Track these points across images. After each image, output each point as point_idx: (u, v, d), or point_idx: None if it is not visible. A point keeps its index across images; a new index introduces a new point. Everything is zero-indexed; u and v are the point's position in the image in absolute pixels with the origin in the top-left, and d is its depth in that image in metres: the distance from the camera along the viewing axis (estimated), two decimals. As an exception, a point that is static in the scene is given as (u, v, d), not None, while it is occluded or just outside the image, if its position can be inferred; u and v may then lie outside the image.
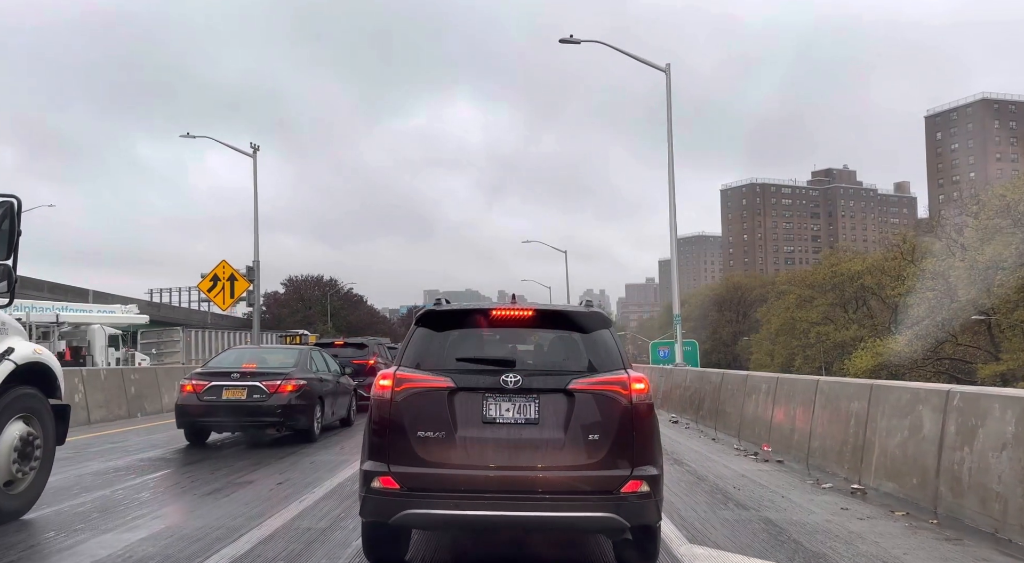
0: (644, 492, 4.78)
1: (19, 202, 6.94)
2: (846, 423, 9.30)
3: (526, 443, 4.79)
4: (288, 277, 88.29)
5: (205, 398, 12.21)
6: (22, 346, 7.10)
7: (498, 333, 5.43)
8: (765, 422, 12.22)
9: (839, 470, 9.25)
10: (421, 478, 4.78)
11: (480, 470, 4.74)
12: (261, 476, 9.49)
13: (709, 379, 16.20)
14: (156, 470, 10.10)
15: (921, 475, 7.36)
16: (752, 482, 8.99)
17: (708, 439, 13.78)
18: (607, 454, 4.76)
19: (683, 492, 8.36)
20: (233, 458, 11.30)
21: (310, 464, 10.44)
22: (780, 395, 11.78)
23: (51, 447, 7.41)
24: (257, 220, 28.55)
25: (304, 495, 8.08)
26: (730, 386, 14.50)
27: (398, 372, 5.06)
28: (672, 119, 22.00)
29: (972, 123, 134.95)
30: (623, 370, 5.08)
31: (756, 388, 12.94)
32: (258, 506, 7.56)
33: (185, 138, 29.54)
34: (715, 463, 10.56)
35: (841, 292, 71.73)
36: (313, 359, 13.95)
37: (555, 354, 5.43)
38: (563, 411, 4.83)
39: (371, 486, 4.86)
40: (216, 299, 26.19)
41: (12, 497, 6.83)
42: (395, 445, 4.86)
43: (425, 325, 5.32)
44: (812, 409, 10.41)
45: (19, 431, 6.88)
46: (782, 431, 11.46)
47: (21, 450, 6.88)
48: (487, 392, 4.87)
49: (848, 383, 9.69)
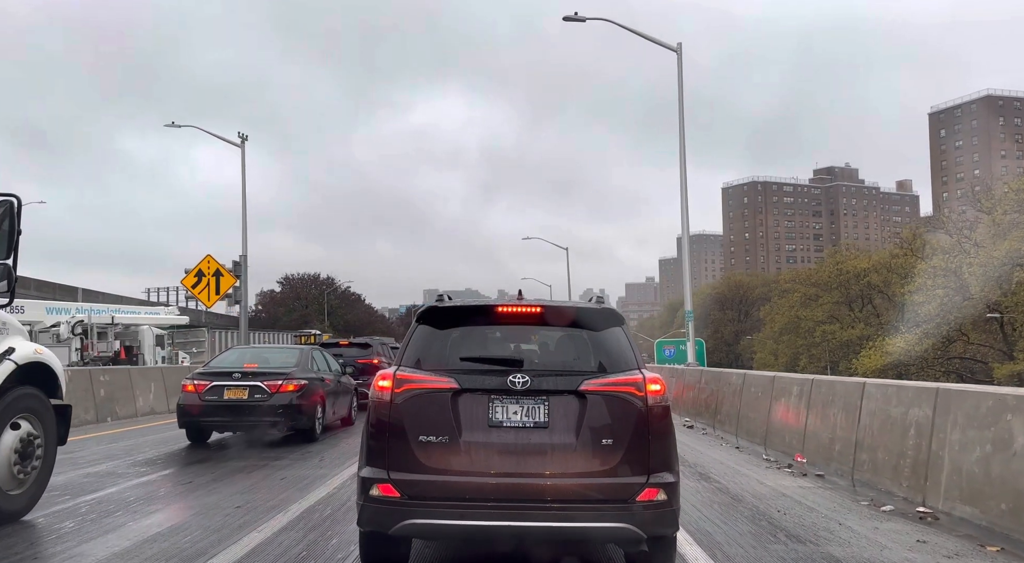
0: (661, 500, 4.52)
1: (19, 201, 6.82)
2: (902, 433, 8.00)
3: (535, 448, 4.54)
4: (284, 275, 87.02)
5: (207, 398, 12.18)
6: (23, 346, 7.04)
7: (504, 331, 5.16)
8: (797, 429, 10.92)
9: (895, 488, 7.94)
10: (423, 485, 4.52)
11: (486, 477, 4.49)
12: (222, 497, 8.13)
13: (728, 380, 14.88)
14: (85, 493, 8.23)
15: (1014, 500, 6.06)
16: (797, 503, 7.68)
17: (730, 447, 12.47)
18: (621, 460, 4.49)
19: (719, 517, 7.05)
20: (197, 473, 9.97)
21: (280, 481, 9.11)
22: (816, 399, 10.47)
23: (52, 447, 7.32)
24: (245, 212, 27.29)
25: (262, 524, 6.70)
26: (753, 388, 13.18)
27: (398, 372, 4.77)
28: (684, 102, 20.67)
29: (976, 120, 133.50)
30: (637, 370, 4.80)
31: (786, 391, 11.63)
32: (211, 536, 6.26)
33: (170, 128, 28.23)
34: (747, 478, 9.26)
35: (846, 290, 70.71)
36: (314, 359, 13.83)
37: (565, 353, 5.14)
38: (574, 414, 4.57)
39: (369, 494, 4.60)
40: (201, 296, 24.92)
41: (11, 498, 6.73)
42: (395, 450, 4.60)
43: (427, 323, 5.02)
44: (857, 416, 9.11)
45: (20, 431, 6.81)
46: (819, 440, 10.15)
47: (22, 450, 6.80)
48: (493, 394, 4.60)
49: (905, 387, 8.38)
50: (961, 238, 51.01)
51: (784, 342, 75.18)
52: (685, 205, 20.90)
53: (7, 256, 6.77)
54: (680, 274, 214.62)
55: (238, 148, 27.89)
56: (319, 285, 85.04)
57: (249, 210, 27.62)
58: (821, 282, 72.72)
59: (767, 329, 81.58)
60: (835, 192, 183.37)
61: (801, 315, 72.37)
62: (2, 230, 6.79)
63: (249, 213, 27.52)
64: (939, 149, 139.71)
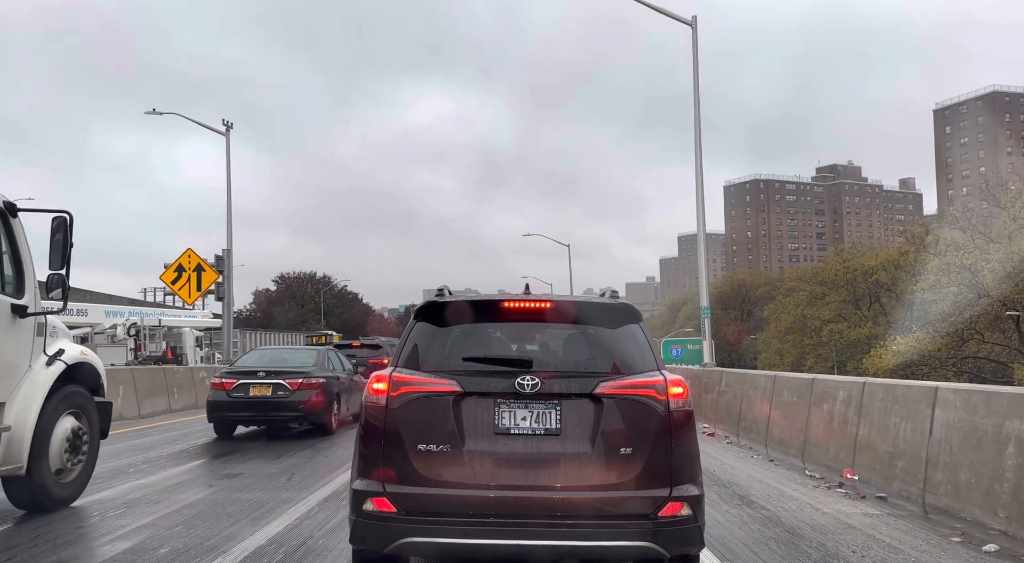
0: (686, 516, 4.11)
1: (71, 217, 7.23)
2: (997, 451, 6.51)
3: (546, 458, 4.13)
4: (280, 274, 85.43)
5: (234, 394, 13.26)
6: (71, 347, 7.66)
7: (511, 328, 4.87)
8: (845, 441, 9.43)
9: (989, 519, 6.45)
10: (422, 500, 4.12)
11: (492, 490, 4.09)
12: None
13: (755, 383, 13.36)
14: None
15: None
16: (872, 539, 6.15)
17: (763, 460, 10.96)
18: (642, 471, 4.07)
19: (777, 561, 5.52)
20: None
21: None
22: (870, 406, 8.97)
23: (96, 441, 7.91)
24: (230, 203, 25.85)
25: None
26: (787, 392, 11.67)
27: (395, 374, 4.35)
28: (699, 80, 19.15)
29: (982, 116, 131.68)
30: (657, 371, 4.41)
31: (828, 396, 10.12)
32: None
33: (151, 115, 26.64)
34: (796, 502, 7.74)
35: (853, 288, 69.36)
36: (330, 359, 14.87)
37: (577, 353, 4.67)
38: (589, 420, 4.18)
39: (363, 509, 4.18)
40: (181, 292, 23.45)
41: (63, 486, 7.35)
42: (391, 460, 4.18)
43: (426, 319, 4.63)
44: (928, 427, 7.62)
45: (69, 425, 7.43)
46: (875, 454, 8.65)
47: (72, 442, 7.42)
48: (500, 397, 4.22)
49: (996, 393, 6.87)
50: (975, 234, 49.61)
51: (789, 341, 73.92)
52: (700, 190, 19.39)
53: (61, 267, 7.21)
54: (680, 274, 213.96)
55: (223, 136, 26.32)
56: (315, 284, 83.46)
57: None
58: (828, 280, 71.39)
59: (772, 328, 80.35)
60: (838, 190, 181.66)
61: (807, 314, 71.14)
62: (56, 243, 7.22)
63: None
64: (944, 146, 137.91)
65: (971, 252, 45.90)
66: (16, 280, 7.11)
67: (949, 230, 55.29)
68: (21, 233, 7.23)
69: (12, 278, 7.10)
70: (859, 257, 70.61)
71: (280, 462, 10.42)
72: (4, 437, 6.65)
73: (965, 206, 67.51)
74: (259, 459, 10.75)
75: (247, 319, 76.78)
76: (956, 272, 45.94)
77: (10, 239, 7.12)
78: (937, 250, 51.39)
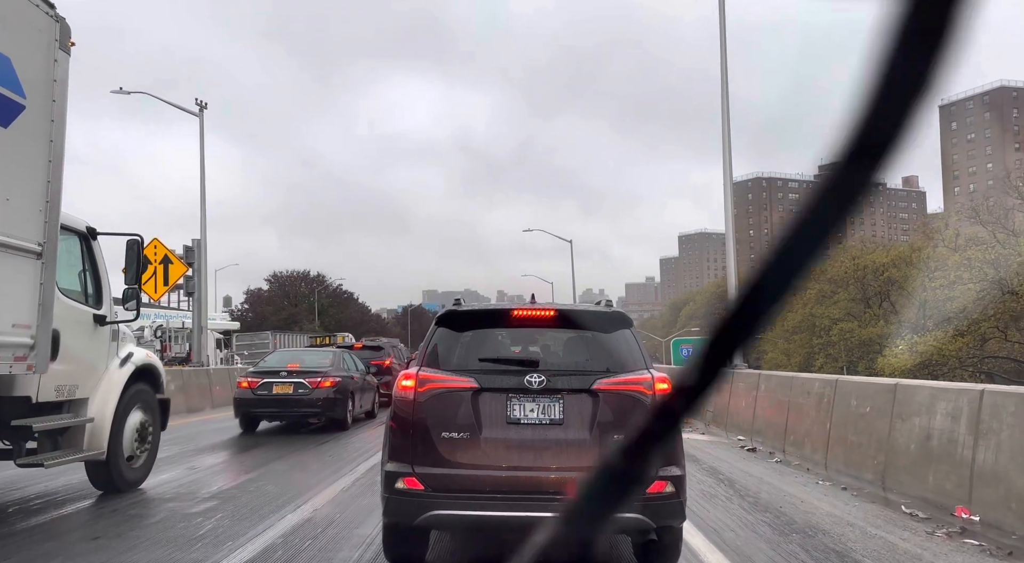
0: (669, 492, 4.65)
1: (142, 239, 8.60)
2: None
3: (551, 444, 4.74)
4: (272, 273, 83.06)
5: (259, 392, 14.40)
6: (137, 351, 8.76)
7: (519, 333, 5.50)
8: (953, 467, 7.18)
9: None
10: (446, 479, 4.69)
11: (505, 471, 4.66)
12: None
13: (807, 389, 11.08)
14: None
15: None
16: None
17: (831, 487, 8.73)
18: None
19: None
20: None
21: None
22: (991, 423, 6.73)
23: (159, 432, 8.99)
24: (204, 190, 23.63)
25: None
26: (855, 401, 9.42)
27: (421, 372, 4.94)
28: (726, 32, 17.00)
29: (990, 112, 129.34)
30: (646, 370, 5.00)
31: (924, 407, 7.86)
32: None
33: (117, 93, 24.37)
34: (910, 557, 5.48)
35: (863, 286, 67.34)
36: (345, 360, 16.10)
37: (577, 354, 5.37)
38: (587, 411, 4.79)
39: (395, 487, 4.75)
40: (146, 287, 21.04)
41: (133, 470, 8.40)
42: (419, 446, 4.77)
43: (445, 325, 5.25)
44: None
45: (139, 418, 8.50)
46: (1008, 487, 6.41)
47: (140, 433, 8.49)
48: (511, 392, 4.81)
49: None
50: (996, 229, 47.54)
51: (797, 341, 71.90)
52: (728, 174, 17.28)
53: (134, 282, 8.40)
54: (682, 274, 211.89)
55: (196, 117, 24.07)
56: (309, 283, 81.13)
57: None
58: (837, 278, 69.40)
59: (778, 327, 78.39)
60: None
61: (816, 312, 69.11)
62: (130, 262, 8.38)
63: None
64: (950, 143, 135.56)
65: (993, 246, 43.87)
66: (96, 294, 8.11)
67: (967, 225, 53.33)
68: (100, 253, 8.20)
69: (93, 292, 8.08)
70: (869, 254, 68.70)
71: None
72: (88, 427, 7.61)
73: (985, 199, 65.33)
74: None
75: (239, 319, 74.49)
76: (977, 267, 43.98)
77: (91, 259, 8.09)
78: (956, 245, 49.29)
